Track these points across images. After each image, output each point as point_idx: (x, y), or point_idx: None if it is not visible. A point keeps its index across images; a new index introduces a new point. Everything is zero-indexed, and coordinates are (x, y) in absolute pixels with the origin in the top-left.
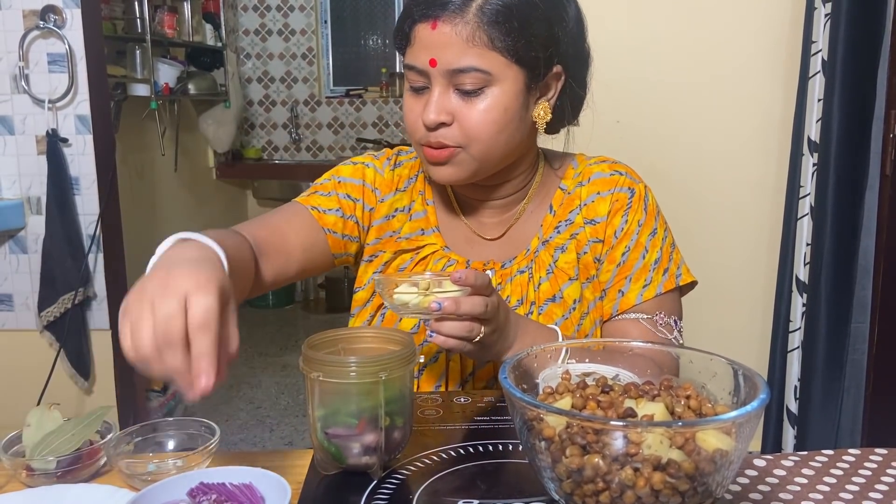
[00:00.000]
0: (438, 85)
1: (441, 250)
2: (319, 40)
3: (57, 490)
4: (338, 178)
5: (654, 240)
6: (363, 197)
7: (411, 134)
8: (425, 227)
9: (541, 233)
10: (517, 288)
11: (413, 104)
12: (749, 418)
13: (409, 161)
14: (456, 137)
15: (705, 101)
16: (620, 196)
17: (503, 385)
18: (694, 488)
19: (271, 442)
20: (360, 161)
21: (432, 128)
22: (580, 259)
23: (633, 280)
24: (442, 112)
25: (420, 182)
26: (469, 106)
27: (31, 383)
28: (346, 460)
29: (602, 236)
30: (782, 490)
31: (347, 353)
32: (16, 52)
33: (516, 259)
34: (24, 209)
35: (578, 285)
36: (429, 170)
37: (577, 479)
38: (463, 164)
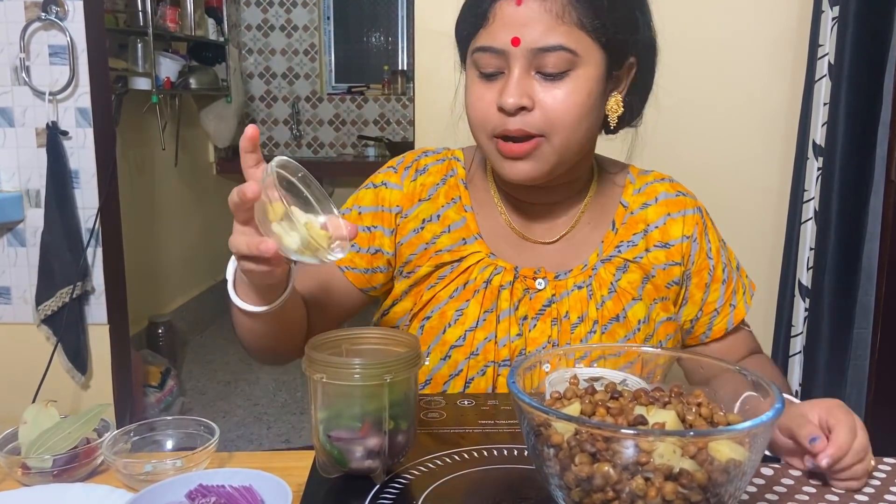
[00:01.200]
0: (518, 67)
1: (486, 258)
2: (322, 36)
3: (53, 489)
4: (358, 209)
5: (730, 251)
6: (382, 223)
7: (480, 126)
8: (466, 236)
9: (601, 249)
10: (576, 304)
11: (482, 92)
12: (764, 428)
13: (435, 165)
14: (538, 124)
15: (710, 105)
16: (696, 219)
17: (511, 389)
18: (706, 499)
19: (268, 439)
20: (380, 181)
21: (512, 112)
22: (650, 281)
23: (736, 293)
24: (524, 95)
25: (452, 187)
26: (552, 89)
27: (27, 377)
28: (348, 464)
29: (680, 258)
30: (790, 499)
31: (351, 354)
32: (17, 44)
33: (572, 272)
34: (23, 202)
35: (644, 307)
36: (502, 167)
37: (586, 488)
38: (543, 159)
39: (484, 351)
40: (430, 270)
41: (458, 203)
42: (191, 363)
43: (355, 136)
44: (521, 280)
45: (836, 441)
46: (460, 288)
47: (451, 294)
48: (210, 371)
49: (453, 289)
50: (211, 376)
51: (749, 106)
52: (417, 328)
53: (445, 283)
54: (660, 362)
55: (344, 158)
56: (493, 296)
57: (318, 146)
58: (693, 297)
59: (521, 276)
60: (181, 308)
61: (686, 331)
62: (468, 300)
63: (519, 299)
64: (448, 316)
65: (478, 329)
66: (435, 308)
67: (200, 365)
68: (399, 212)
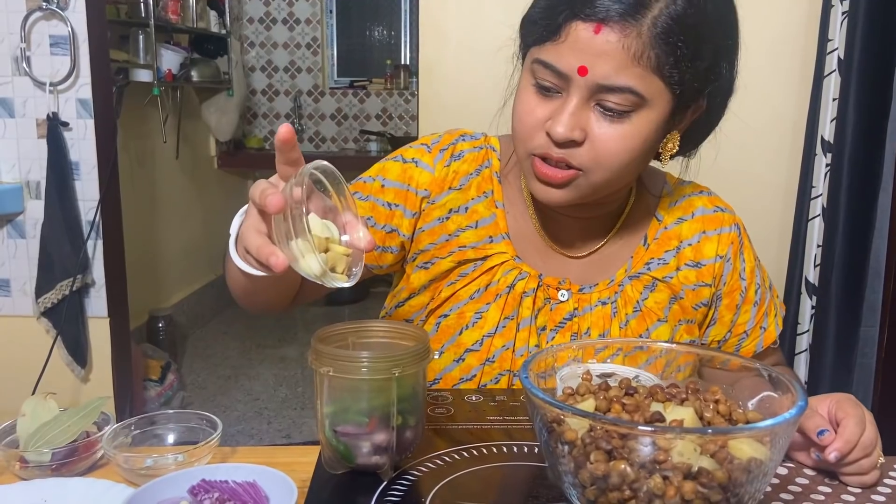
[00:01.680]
0: (578, 96)
1: (511, 260)
2: (324, 30)
3: (51, 483)
4: (382, 181)
5: (764, 271)
6: (405, 203)
7: (524, 140)
8: (493, 234)
9: (630, 265)
10: (598, 320)
11: (535, 105)
12: (787, 426)
13: (472, 153)
14: (583, 160)
15: None
16: (732, 237)
17: (524, 384)
18: (726, 499)
19: (269, 434)
20: (410, 157)
21: (560, 143)
22: (677, 301)
23: (769, 314)
24: (576, 128)
25: (485, 180)
26: (608, 128)
27: (26, 370)
28: (355, 460)
29: (711, 279)
30: (805, 499)
31: (358, 347)
32: (17, 34)
33: (597, 287)
34: (24, 193)
35: (669, 329)
36: (534, 187)
37: (601, 487)
38: (577, 190)
39: (500, 359)
40: (451, 266)
41: (490, 198)
42: (191, 358)
43: (357, 131)
44: (544, 289)
45: (843, 434)
46: (482, 289)
47: (472, 294)
48: (210, 366)
49: (475, 289)
50: (211, 371)
51: (757, 101)
52: (433, 325)
53: (466, 281)
54: (680, 362)
55: (346, 153)
56: (515, 302)
57: (319, 140)
58: (723, 318)
59: (545, 284)
60: (182, 302)
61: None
62: (489, 303)
63: (539, 308)
64: (466, 317)
65: (496, 335)
66: (453, 307)
67: (201, 359)
68: (427, 196)
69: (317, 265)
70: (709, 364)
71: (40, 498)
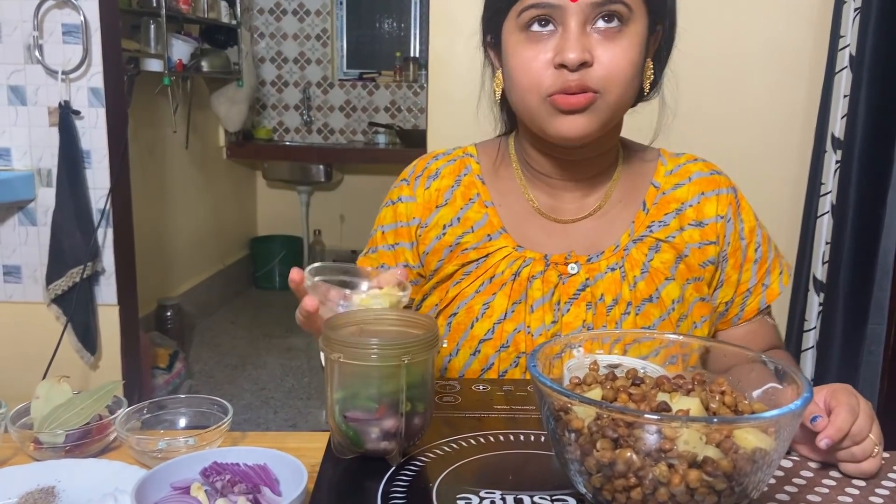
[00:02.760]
0: (575, 21)
1: (513, 251)
2: (334, 22)
3: (65, 465)
4: (381, 229)
5: (765, 231)
6: (403, 238)
7: (533, 87)
8: (490, 232)
9: (632, 229)
10: (611, 286)
11: (534, 52)
12: (792, 417)
13: (447, 167)
14: (597, 80)
15: (727, 96)
16: (730, 199)
17: (532, 373)
18: (731, 488)
19: (275, 423)
20: (396, 197)
21: (574, 68)
22: (683, 261)
23: (770, 272)
24: (584, 50)
25: (468, 186)
26: (609, 45)
27: (37, 356)
28: (364, 445)
29: (715, 237)
30: (809, 492)
31: (368, 335)
32: (30, 22)
33: (604, 254)
34: (35, 181)
35: (678, 286)
36: (557, 124)
37: (607, 474)
38: (597, 113)
39: (514, 342)
40: (455, 269)
41: (478, 200)
42: (198, 346)
43: (366, 123)
44: (553, 267)
45: (835, 422)
46: (486, 282)
47: (478, 289)
48: (218, 355)
49: (479, 284)
50: (218, 360)
51: (767, 97)
52: (444, 325)
53: (471, 279)
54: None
55: (354, 145)
56: (522, 287)
57: (328, 132)
58: (729, 279)
59: (553, 262)
60: (190, 292)
61: (720, 314)
62: (494, 293)
63: (554, 286)
64: (475, 311)
65: (506, 321)
66: (461, 304)
67: (208, 348)
68: (418, 223)
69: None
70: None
71: (53, 478)
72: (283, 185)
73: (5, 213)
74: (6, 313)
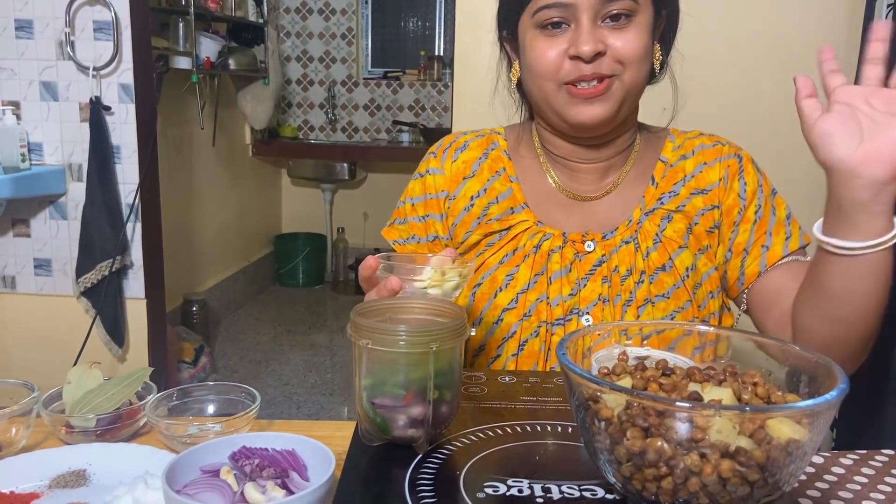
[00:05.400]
0: (587, 17)
1: (534, 226)
2: (359, 20)
3: (96, 448)
4: (411, 201)
5: (778, 198)
6: (432, 210)
7: (550, 75)
8: (514, 206)
9: (643, 203)
10: (625, 258)
11: (549, 44)
12: (828, 407)
13: (475, 141)
14: (611, 66)
15: (757, 79)
16: (730, 162)
17: (561, 361)
18: (764, 479)
19: (298, 419)
20: (424, 170)
21: (589, 59)
22: (692, 229)
23: (773, 234)
24: (598, 41)
25: (496, 160)
26: (619, 35)
27: (66, 348)
28: (391, 432)
29: (717, 201)
30: (841, 489)
31: (396, 322)
32: (62, 18)
33: (618, 230)
34: (66, 175)
35: (690, 254)
36: (574, 111)
37: (637, 463)
38: (613, 98)
39: (536, 311)
40: (479, 239)
41: (504, 174)
42: (223, 342)
43: (390, 122)
44: (571, 245)
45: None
46: (510, 254)
47: (501, 260)
48: (241, 350)
49: (502, 255)
50: (242, 355)
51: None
52: (469, 295)
53: (494, 250)
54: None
55: (378, 143)
56: (543, 259)
57: (352, 131)
58: (723, 237)
59: (570, 240)
60: (215, 287)
61: (722, 278)
62: (518, 265)
63: (571, 262)
64: (499, 280)
65: (529, 291)
66: (485, 274)
67: (232, 344)
68: (446, 196)
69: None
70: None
71: (85, 462)
72: (308, 182)
73: (37, 207)
74: (37, 305)
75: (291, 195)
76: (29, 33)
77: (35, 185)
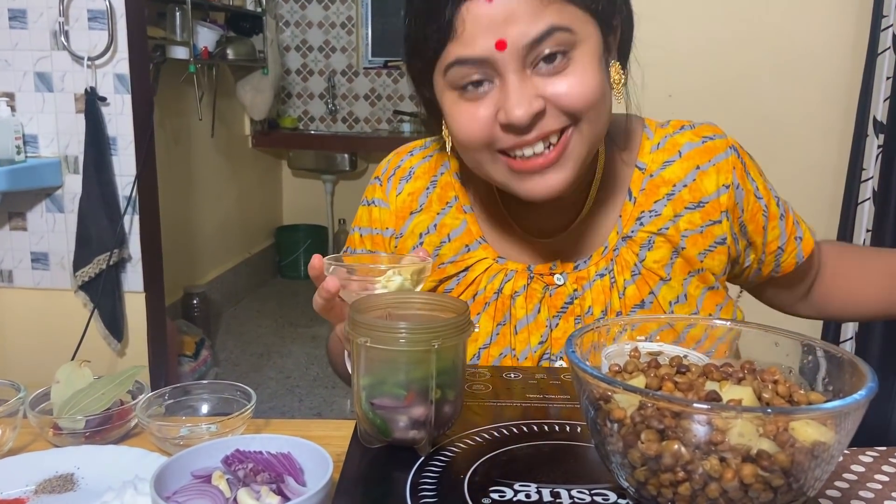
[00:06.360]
0: (512, 70)
1: (494, 263)
2: (359, 9)
3: (84, 451)
4: (359, 231)
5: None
6: (381, 247)
7: (480, 144)
8: (469, 242)
9: (620, 225)
10: (598, 296)
11: (471, 111)
12: (857, 407)
13: (421, 165)
14: (560, 119)
15: (764, 78)
16: (732, 161)
17: (570, 359)
18: (788, 484)
19: (300, 412)
20: (370, 198)
21: (525, 125)
22: (680, 254)
23: (798, 223)
24: (532, 100)
25: (445, 188)
26: (560, 80)
27: (64, 343)
28: (391, 434)
29: (719, 215)
30: (862, 488)
31: (396, 319)
32: (56, 8)
33: (592, 259)
34: (62, 167)
35: (676, 285)
36: (523, 187)
37: (653, 468)
38: (572, 159)
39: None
40: (433, 286)
41: (456, 204)
42: (224, 335)
43: (391, 112)
44: (538, 278)
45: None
46: (469, 301)
47: None
48: (243, 343)
49: None
50: (244, 348)
51: (806, 79)
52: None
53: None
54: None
55: (379, 134)
56: (505, 306)
57: (353, 121)
58: (755, 243)
59: (537, 274)
60: (216, 280)
61: (755, 271)
62: (479, 314)
63: (540, 300)
64: None
65: (491, 345)
66: None
67: (234, 337)
68: (392, 234)
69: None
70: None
71: (73, 465)
72: (308, 174)
73: (33, 200)
74: (34, 300)
75: (292, 186)
76: (23, 23)
77: (31, 178)
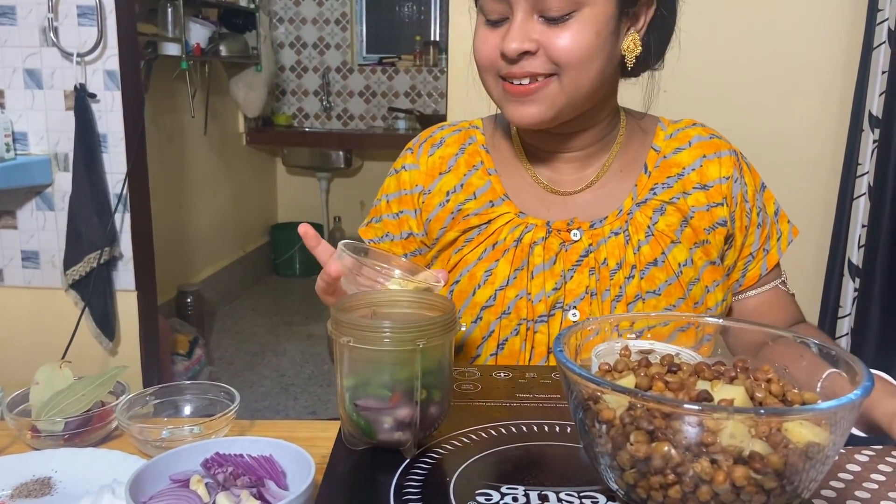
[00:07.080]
0: (520, 11)
1: (516, 217)
2: (353, 6)
3: (63, 454)
4: (386, 198)
5: (768, 192)
6: (406, 206)
7: (487, 67)
8: (493, 199)
9: (635, 193)
10: (614, 250)
11: (487, 35)
12: (851, 408)
13: (452, 136)
14: (545, 65)
15: (759, 72)
16: (733, 160)
17: (558, 358)
18: (781, 486)
19: (295, 410)
20: (399, 166)
21: (514, 58)
22: (689, 223)
23: (771, 237)
24: (525, 39)
25: (472, 154)
26: (556, 33)
27: (55, 342)
28: (376, 436)
29: (721, 199)
30: (857, 488)
31: (380, 317)
32: (45, 4)
33: (608, 219)
34: (52, 165)
35: (684, 250)
36: (509, 110)
37: (642, 470)
38: (549, 100)
39: (516, 309)
40: (457, 235)
41: (482, 168)
42: (219, 333)
43: (386, 108)
44: (556, 234)
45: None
46: (489, 249)
47: (480, 256)
48: (238, 341)
49: (481, 251)
50: (238, 347)
51: (801, 73)
52: (447, 293)
53: (473, 245)
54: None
55: (374, 131)
56: (524, 253)
57: (347, 118)
58: (735, 241)
59: (555, 229)
60: (210, 278)
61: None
62: (497, 260)
63: (555, 253)
64: (477, 277)
65: (508, 287)
66: (463, 271)
67: (228, 335)
68: (420, 190)
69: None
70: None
71: (50, 468)
72: (303, 171)
73: (23, 198)
74: (24, 298)
75: (287, 184)
76: (11, 19)
77: (20, 176)
